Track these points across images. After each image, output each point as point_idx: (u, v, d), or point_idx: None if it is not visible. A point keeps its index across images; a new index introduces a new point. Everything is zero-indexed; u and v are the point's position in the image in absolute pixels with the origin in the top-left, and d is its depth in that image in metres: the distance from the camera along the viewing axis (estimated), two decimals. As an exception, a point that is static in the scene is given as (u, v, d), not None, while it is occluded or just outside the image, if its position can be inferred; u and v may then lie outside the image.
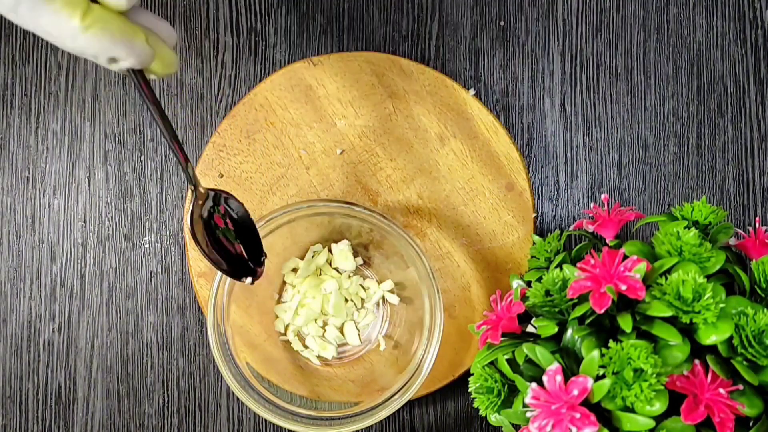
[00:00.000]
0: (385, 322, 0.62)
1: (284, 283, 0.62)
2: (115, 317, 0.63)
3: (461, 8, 0.63)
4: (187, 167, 0.47)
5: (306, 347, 0.61)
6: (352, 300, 0.61)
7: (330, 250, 0.61)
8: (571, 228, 0.58)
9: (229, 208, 0.51)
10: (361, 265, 0.62)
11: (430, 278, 0.54)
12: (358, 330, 0.61)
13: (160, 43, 0.44)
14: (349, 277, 0.61)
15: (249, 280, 0.51)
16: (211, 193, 0.49)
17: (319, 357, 0.61)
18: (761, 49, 0.63)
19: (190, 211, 0.48)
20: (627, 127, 0.63)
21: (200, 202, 0.49)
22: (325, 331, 0.61)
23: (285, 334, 0.61)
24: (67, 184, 0.63)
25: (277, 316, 0.61)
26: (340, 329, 0.61)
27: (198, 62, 0.63)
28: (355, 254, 0.61)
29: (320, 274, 0.61)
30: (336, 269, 0.61)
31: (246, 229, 0.51)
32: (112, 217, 0.63)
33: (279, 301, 0.62)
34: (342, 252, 0.60)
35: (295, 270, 0.61)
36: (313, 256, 0.61)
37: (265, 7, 0.64)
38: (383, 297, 0.61)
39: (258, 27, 0.63)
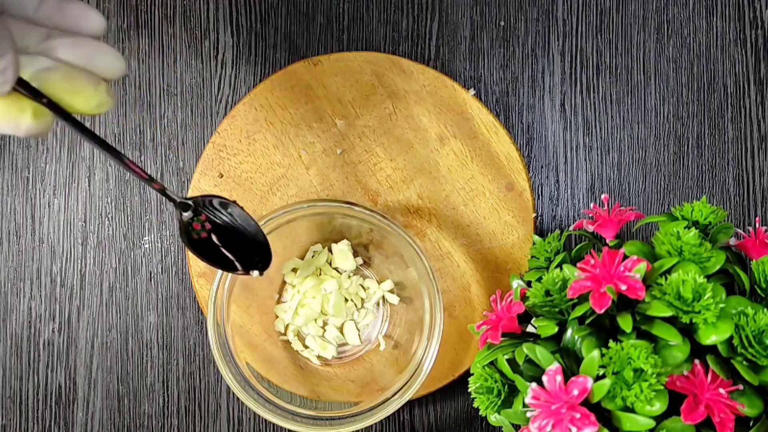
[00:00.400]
0: (385, 322, 0.62)
1: (284, 283, 0.62)
2: (115, 317, 0.63)
3: (461, 8, 0.63)
4: (153, 184, 0.46)
5: (306, 347, 0.61)
6: (352, 300, 0.61)
7: (330, 250, 0.61)
8: (571, 228, 0.58)
9: (215, 213, 0.48)
10: (361, 265, 0.62)
11: (430, 278, 0.54)
12: (358, 330, 0.61)
13: (82, 80, 0.41)
14: (349, 277, 0.61)
15: (256, 273, 0.49)
16: (190, 203, 0.47)
17: (319, 357, 0.61)
18: (761, 49, 0.63)
19: (179, 227, 0.47)
20: (627, 127, 0.63)
21: (184, 214, 0.47)
22: (325, 331, 0.61)
23: (285, 334, 0.61)
24: (67, 184, 0.63)
25: (277, 316, 0.61)
26: (340, 329, 0.61)
27: (198, 62, 0.63)
28: (355, 254, 0.61)
29: (320, 274, 0.61)
30: (336, 269, 0.61)
31: (238, 231, 0.49)
32: (112, 217, 0.63)
33: (279, 301, 0.62)
34: (342, 252, 0.60)
35: (295, 270, 0.61)
36: (313, 256, 0.61)
37: (265, 7, 0.64)
38: (383, 297, 0.61)
39: (258, 27, 0.63)
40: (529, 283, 0.54)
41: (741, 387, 0.42)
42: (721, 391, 0.41)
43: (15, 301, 0.63)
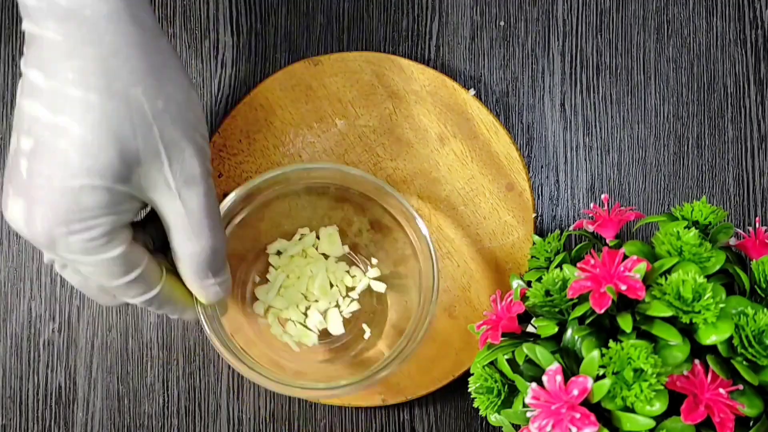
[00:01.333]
0: (371, 311, 0.61)
1: (268, 264, 0.61)
2: (115, 317, 0.63)
3: (461, 8, 0.63)
4: None
5: (285, 332, 0.60)
6: (337, 286, 0.60)
7: (317, 236, 0.61)
8: (571, 228, 0.58)
9: None
10: (348, 253, 0.61)
11: (428, 247, 0.53)
12: (342, 317, 0.60)
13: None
14: (336, 262, 0.60)
15: None
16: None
17: (299, 344, 0.60)
18: (761, 49, 0.63)
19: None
20: (627, 127, 0.63)
21: None
22: (306, 317, 0.60)
23: (265, 317, 0.60)
24: (67, 184, 0.63)
25: (257, 299, 0.60)
26: (324, 315, 0.60)
27: (198, 62, 0.63)
28: (345, 241, 0.60)
29: (306, 257, 0.60)
30: (323, 254, 0.60)
31: None
32: (112, 217, 0.63)
33: (261, 283, 0.61)
34: (330, 236, 0.60)
35: (279, 253, 0.60)
36: (300, 239, 0.60)
37: (265, 7, 0.64)
38: (369, 286, 0.60)
39: (258, 27, 0.63)
40: (529, 283, 0.54)
41: (741, 387, 0.42)
42: (721, 391, 0.41)
43: (15, 301, 0.63)
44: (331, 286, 0.60)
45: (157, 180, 0.43)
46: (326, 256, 0.60)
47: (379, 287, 0.60)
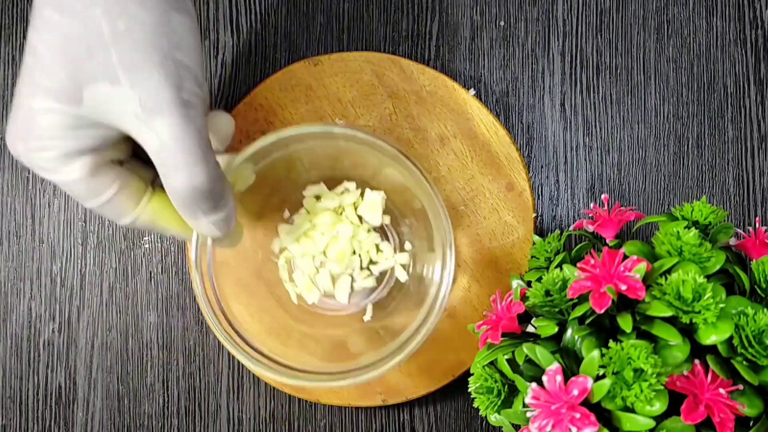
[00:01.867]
0: (384, 292, 0.59)
1: (301, 206, 0.58)
2: (115, 317, 0.63)
3: (461, 8, 0.63)
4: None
5: (291, 280, 0.58)
6: (360, 256, 0.57)
7: (362, 195, 0.57)
8: (571, 228, 0.58)
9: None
10: (386, 225, 0.58)
11: (446, 233, 0.50)
12: (352, 289, 0.57)
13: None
14: (368, 231, 0.57)
15: None
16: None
17: (298, 296, 0.57)
18: (761, 49, 0.63)
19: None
20: (627, 127, 0.63)
21: None
22: (318, 273, 0.57)
23: (277, 258, 0.58)
24: (67, 184, 0.63)
25: (278, 235, 0.58)
26: (334, 279, 0.57)
27: (198, 62, 0.63)
28: (387, 211, 0.57)
29: (341, 213, 0.57)
30: (360, 217, 0.57)
31: None
32: (112, 217, 0.63)
33: (287, 221, 0.58)
34: (373, 203, 0.56)
35: (318, 197, 0.57)
36: (341, 193, 0.57)
37: (265, 7, 0.64)
38: (392, 269, 0.58)
39: (258, 27, 0.63)
40: (529, 283, 0.54)
41: (741, 387, 0.42)
42: (721, 391, 0.41)
43: (15, 301, 0.63)
44: (353, 253, 0.56)
45: (121, 107, 0.41)
46: (361, 220, 0.57)
47: (402, 275, 0.58)
